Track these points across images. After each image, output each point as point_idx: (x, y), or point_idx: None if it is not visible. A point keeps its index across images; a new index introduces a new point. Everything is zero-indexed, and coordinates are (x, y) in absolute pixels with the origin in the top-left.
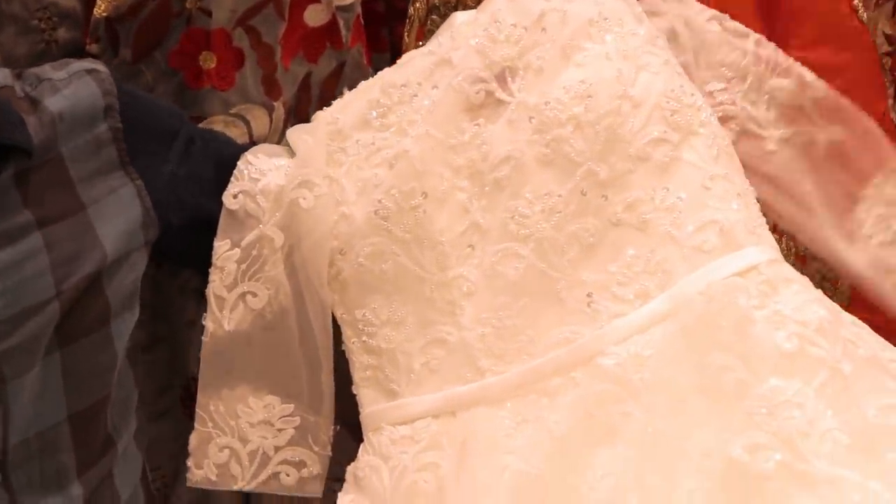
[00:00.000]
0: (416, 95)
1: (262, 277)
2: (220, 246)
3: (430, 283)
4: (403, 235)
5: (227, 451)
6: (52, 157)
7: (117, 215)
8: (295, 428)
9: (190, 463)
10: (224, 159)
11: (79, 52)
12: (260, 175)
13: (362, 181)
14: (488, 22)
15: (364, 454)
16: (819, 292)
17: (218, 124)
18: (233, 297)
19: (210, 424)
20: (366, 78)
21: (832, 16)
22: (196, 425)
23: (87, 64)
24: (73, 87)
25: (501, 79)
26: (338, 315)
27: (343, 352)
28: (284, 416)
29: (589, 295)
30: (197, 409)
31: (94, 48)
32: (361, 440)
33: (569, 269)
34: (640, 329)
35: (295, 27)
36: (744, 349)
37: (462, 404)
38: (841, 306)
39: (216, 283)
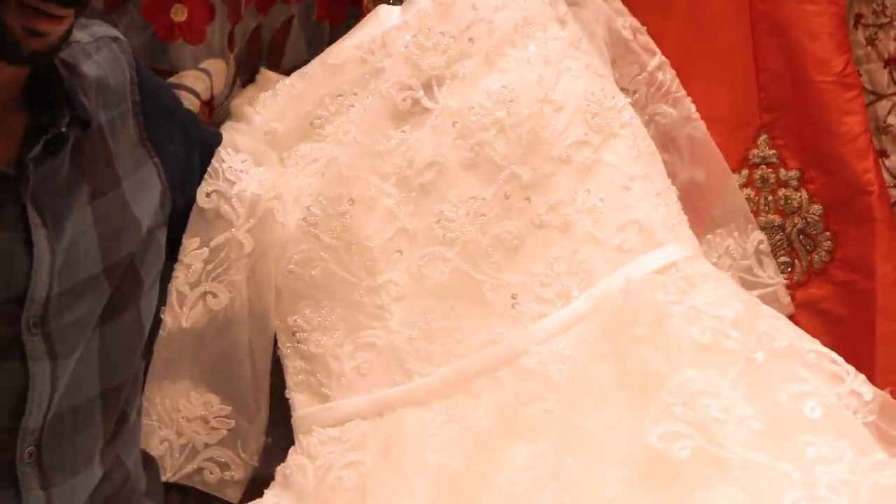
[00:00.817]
0: (352, 106)
1: (226, 280)
2: (190, 243)
3: (359, 288)
4: (332, 241)
5: (165, 444)
6: (96, 127)
7: (145, 191)
8: (228, 430)
9: None
10: (204, 143)
11: None
12: (235, 178)
13: (297, 190)
14: (417, 28)
15: (293, 454)
16: (736, 287)
17: (188, 78)
18: (194, 296)
19: (154, 417)
20: (318, 35)
21: None
22: (142, 417)
23: (110, 30)
24: (103, 55)
25: (428, 87)
26: (274, 323)
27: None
28: (220, 417)
29: (514, 296)
30: (143, 401)
31: None
32: None
33: (493, 271)
34: (562, 328)
35: None
36: (661, 342)
37: (390, 406)
38: (822, 262)
39: (180, 280)
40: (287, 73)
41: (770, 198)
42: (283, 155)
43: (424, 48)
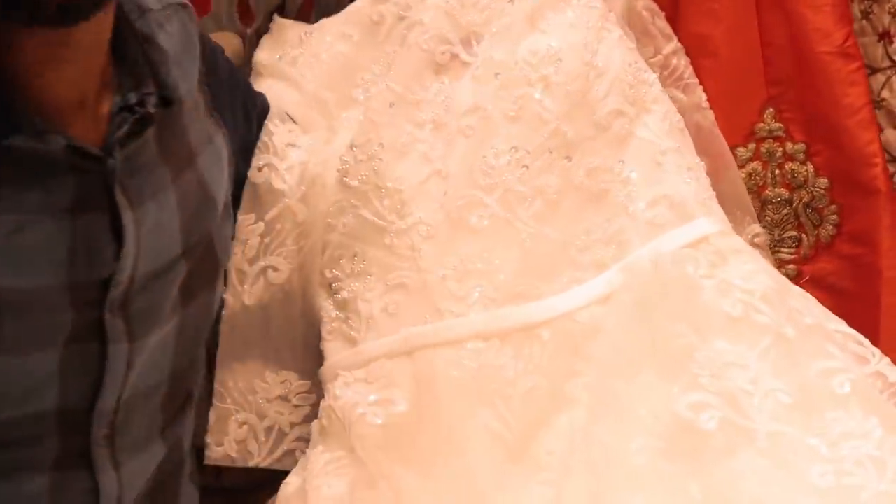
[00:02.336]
0: (392, 63)
1: (284, 252)
2: (244, 219)
3: (389, 231)
4: (361, 186)
5: (245, 427)
6: (178, 106)
7: (216, 165)
8: (311, 405)
9: (209, 439)
10: (261, 113)
11: None
12: (284, 153)
13: (340, 150)
14: None
15: (322, 404)
16: (766, 264)
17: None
18: (254, 272)
19: (229, 400)
20: (343, 8)
21: None
22: (214, 401)
23: None
24: (175, 25)
25: (467, 42)
26: (317, 282)
27: None
28: (301, 393)
29: (551, 262)
30: (216, 385)
31: None
32: None
33: (532, 221)
34: (597, 298)
35: None
36: (692, 316)
37: (419, 344)
38: (828, 237)
39: (238, 257)
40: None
41: (777, 171)
42: (333, 123)
43: (465, 4)
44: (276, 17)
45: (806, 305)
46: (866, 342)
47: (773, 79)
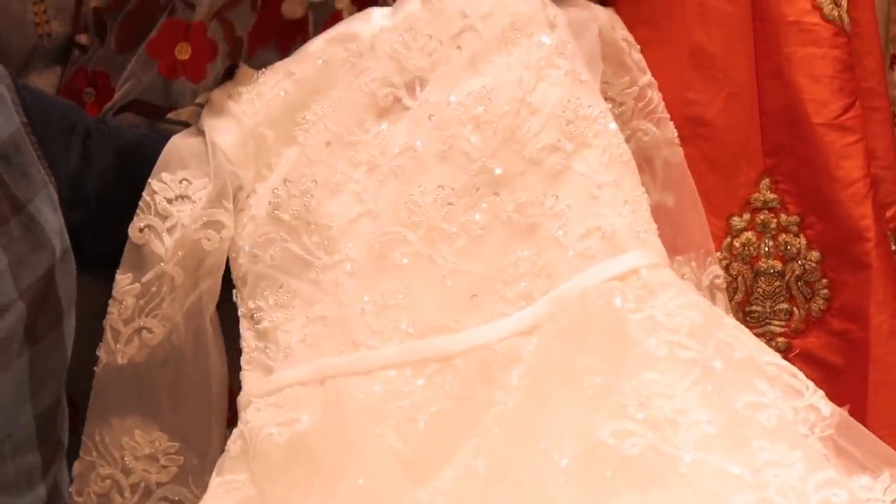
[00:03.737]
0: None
1: (160, 314)
2: (122, 279)
3: (315, 266)
4: (292, 221)
5: (108, 482)
6: None
7: (51, 211)
8: (179, 467)
9: (72, 489)
10: (123, 146)
11: (69, 46)
12: (166, 211)
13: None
14: (405, 29)
15: (234, 432)
16: (697, 297)
17: (185, 114)
18: (128, 331)
19: (94, 454)
20: None
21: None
22: (81, 453)
23: None
24: None
25: (411, 87)
26: (239, 312)
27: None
28: (170, 454)
29: (474, 296)
30: (83, 438)
31: (82, 38)
32: None
33: (456, 258)
34: (521, 329)
35: (270, 17)
36: (615, 351)
37: (331, 373)
38: (819, 311)
39: (114, 316)
40: None
41: (771, 243)
42: (270, 160)
43: (411, 48)
44: (241, 64)
45: (737, 338)
46: (800, 374)
47: (770, 149)
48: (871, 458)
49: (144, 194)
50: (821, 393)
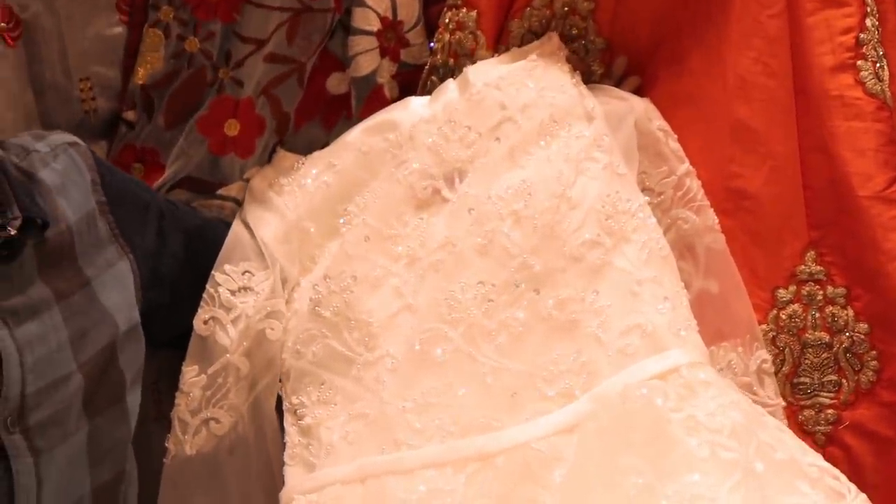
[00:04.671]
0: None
1: (226, 405)
2: (188, 371)
3: (356, 363)
4: (332, 318)
5: None
6: (62, 230)
7: (118, 289)
8: None
9: None
10: (189, 229)
11: (115, 121)
12: (230, 303)
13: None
14: (444, 120)
15: None
16: (739, 395)
17: (233, 190)
18: (196, 422)
19: None
20: None
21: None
22: None
23: (67, 137)
24: (62, 162)
25: (450, 179)
26: (284, 407)
27: None
28: None
29: (514, 394)
30: None
31: (129, 115)
32: None
33: (496, 355)
34: (562, 427)
35: (315, 92)
36: (657, 451)
37: (373, 473)
38: (869, 383)
39: (181, 408)
40: None
41: (817, 315)
42: (314, 252)
43: (449, 140)
44: (279, 150)
45: (779, 439)
46: (842, 477)
47: (815, 222)
48: None
49: (208, 286)
50: (863, 496)
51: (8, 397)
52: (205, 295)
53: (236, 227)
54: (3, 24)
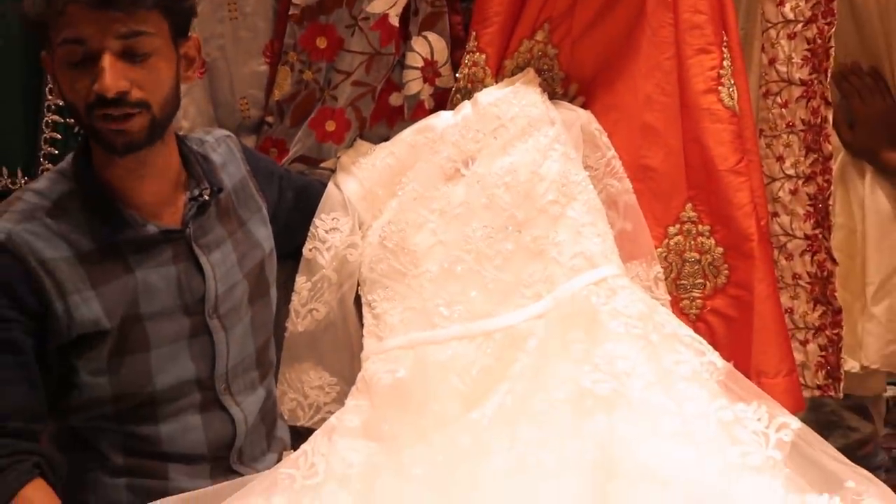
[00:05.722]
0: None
1: (322, 300)
2: (299, 280)
3: (408, 276)
4: (393, 248)
5: (294, 402)
6: (227, 192)
7: (262, 225)
8: (337, 392)
9: None
10: (299, 187)
11: (261, 124)
12: (324, 238)
13: (383, 223)
14: (463, 126)
15: (358, 376)
16: (643, 294)
17: (332, 164)
18: (304, 311)
19: (286, 385)
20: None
21: None
22: (277, 385)
23: (224, 132)
24: (223, 148)
25: (465, 163)
26: (362, 301)
27: None
28: (331, 384)
29: (505, 295)
30: (279, 376)
31: (269, 119)
32: None
33: (494, 271)
34: (535, 315)
35: (383, 104)
36: (592, 330)
37: (419, 342)
38: (722, 283)
39: (294, 302)
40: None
41: (692, 242)
42: (381, 207)
43: (466, 138)
44: (358, 140)
45: (667, 320)
46: (704, 342)
47: (692, 184)
48: (748, 395)
49: (311, 227)
50: (717, 354)
51: (209, 297)
52: (309, 233)
53: (330, 188)
54: (197, 65)
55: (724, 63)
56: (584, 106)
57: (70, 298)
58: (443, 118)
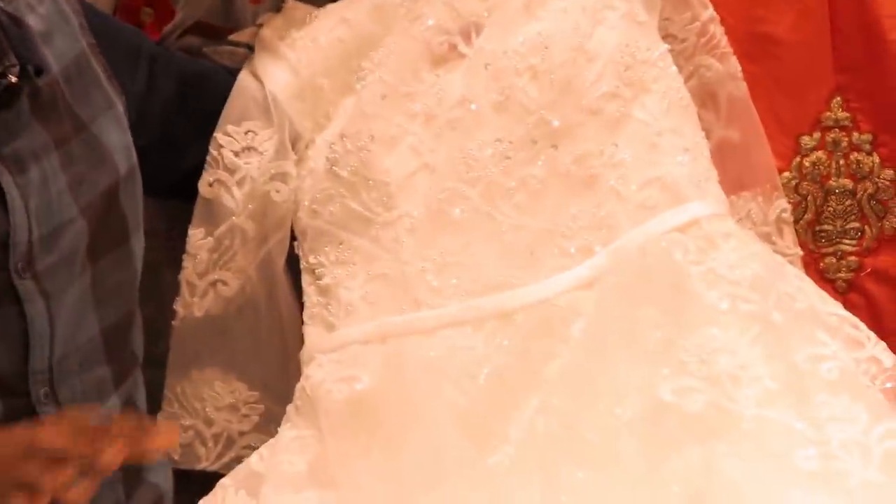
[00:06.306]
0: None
1: (233, 267)
2: (195, 234)
3: (375, 223)
4: (350, 178)
5: (191, 432)
6: (51, 77)
7: (118, 130)
8: (259, 415)
9: None
10: (186, 76)
11: None
12: (233, 165)
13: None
14: None
15: (297, 386)
16: (759, 246)
17: (245, 35)
18: (203, 285)
19: (176, 405)
20: None
21: None
22: (163, 406)
23: None
24: (46, 6)
25: (466, 34)
26: (301, 266)
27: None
28: (250, 403)
29: (533, 252)
30: (165, 391)
31: None
32: None
33: (515, 213)
34: (581, 282)
35: None
36: (676, 304)
37: (393, 332)
38: (892, 229)
39: (188, 270)
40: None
41: (842, 162)
42: (329, 110)
43: None
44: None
45: (798, 288)
46: (862, 325)
47: (842, 66)
48: None
49: (211, 148)
50: (883, 344)
51: (16, 243)
52: (208, 157)
53: (244, 78)
54: None
55: None
56: None
57: None
58: None
